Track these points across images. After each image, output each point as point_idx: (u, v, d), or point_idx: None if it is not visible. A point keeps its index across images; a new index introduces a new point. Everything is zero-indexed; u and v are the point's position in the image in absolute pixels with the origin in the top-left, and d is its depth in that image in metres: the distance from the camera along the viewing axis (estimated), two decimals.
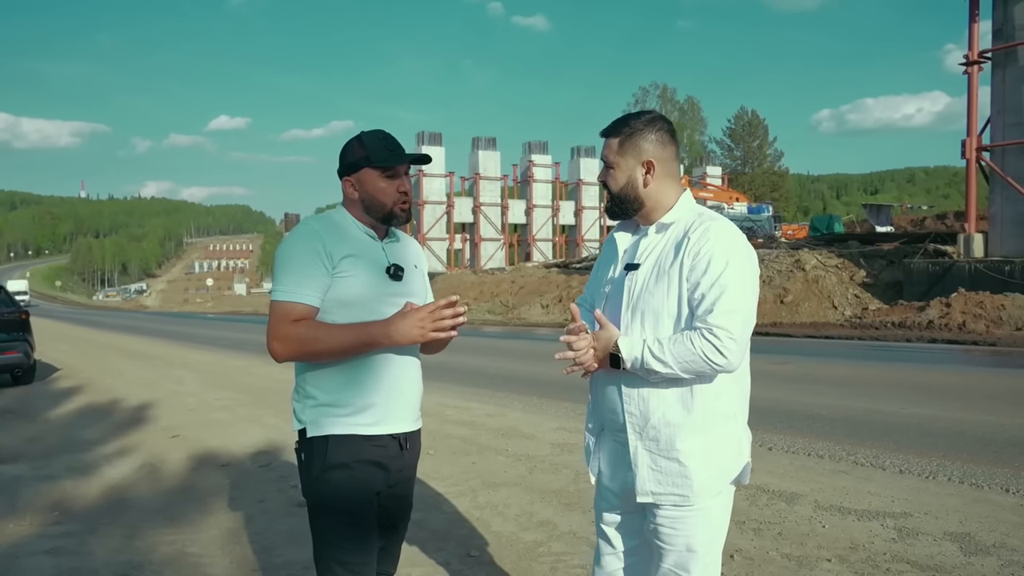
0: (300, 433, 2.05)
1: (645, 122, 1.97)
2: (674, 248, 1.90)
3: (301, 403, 2.05)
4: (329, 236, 2.00)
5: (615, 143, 1.98)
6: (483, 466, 5.45)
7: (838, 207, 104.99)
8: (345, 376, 2.00)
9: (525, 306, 27.82)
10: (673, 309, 1.88)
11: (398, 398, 2.06)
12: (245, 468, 5.60)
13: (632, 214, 2.01)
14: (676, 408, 1.90)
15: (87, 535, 4.16)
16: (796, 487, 4.68)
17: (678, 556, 1.96)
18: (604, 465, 2.10)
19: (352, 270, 1.98)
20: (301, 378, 2.06)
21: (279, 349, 1.95)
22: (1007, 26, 18.26)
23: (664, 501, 1.93)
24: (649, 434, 1.92)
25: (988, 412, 6.91)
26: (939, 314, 16.10)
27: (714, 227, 1.87)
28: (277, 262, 2.03)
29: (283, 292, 1.96)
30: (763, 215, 38.15)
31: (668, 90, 69.73)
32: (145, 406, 8.63)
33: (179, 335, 24.08)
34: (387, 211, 2.07)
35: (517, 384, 9.74)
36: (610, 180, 2.00)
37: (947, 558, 3.48)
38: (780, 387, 8.44)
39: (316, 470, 2.00)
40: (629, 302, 1.94)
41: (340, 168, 2.10)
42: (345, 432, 1.99)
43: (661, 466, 1.92)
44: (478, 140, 52.40)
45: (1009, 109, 18.22)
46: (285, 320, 1.94)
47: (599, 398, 2.06)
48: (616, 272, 2.02)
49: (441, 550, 3.75)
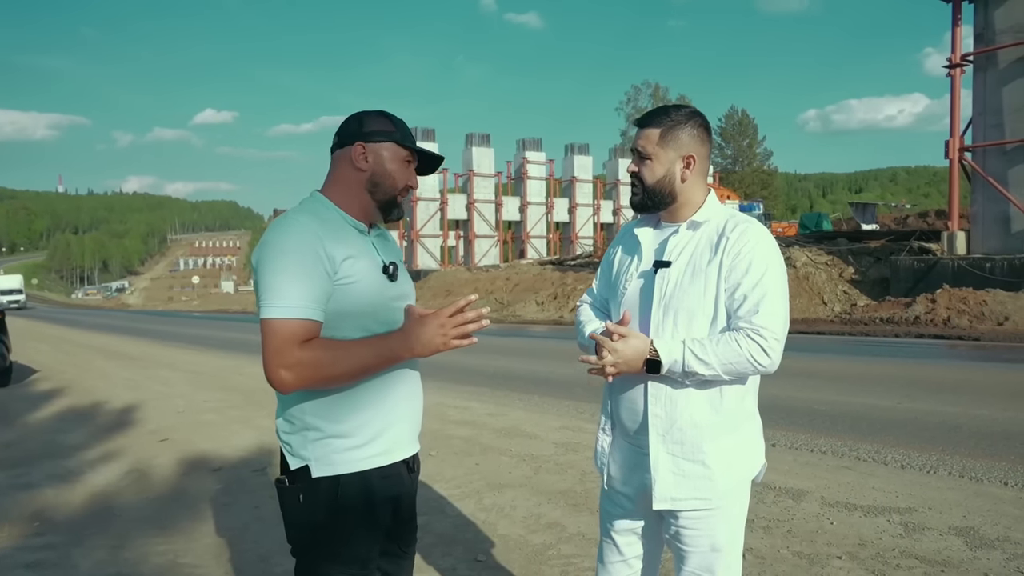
0: (296, 472, 1.74)
1: (687, 115, 1.91)
2: (709, 247, 1.86)
3: (299, 436, 1.75)
4: (327, 234, 1.71)
5: (655, 134, 1.90)
6: (487, 467, 5.37)
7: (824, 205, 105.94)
8: (353, 401, 1.74)
9: (520, 303, 27.78)
10: (709, 309, 1.84)
11: (409, 419, 1.87)
12: (238, 473, 5.46)
13: (661, 208, 1.94)
14: (704, 409, 1.86)
15: (71, 547, 3.96)
16: (802, 484, 4.66)
17: (702, 557, 1.92)
18: (616, 468, 2.03)
19: (354, 274, 1.71)
20: (295, 405, 1.74)
21: (289, 379, 1.62)
22: (988, 30, 18.64)
23: (683, 506, 1.88)
24: (674, 436, 1.86)
25: (980, 406, 6.97)
26: (925, 310, 16.30)
27: (752, 230, 1.85)
28: (268, 267, 1.66)
29: (285, 308, 1.63)
30: (753, 213, 38.31)
31: (660, 88, 69.95)
32: (130, 408, 8.43)
33: (164, 334, 23.77)
34: (394, 195, 1.84)
35: (517, 382, 9.67)
36: (646, 171, 1.91)
37: (954, 553, 3.50)
38: (778, 383, 8.39)
39: (319, 515, 1.73)
40: (661, 300, 1.87)
41: (352, 132, 1.81)
42: (357, 469, 1.74)
43: (684, 470, 1.87)
44: (472, 136, 52.30)
45: (990, 111, 18.63)
46: (293, 343, 1.62)
47: (618, 399, 1.98)
48: (639, 269, 1.95)
49: (448, 555, 3.67)
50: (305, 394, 1.72)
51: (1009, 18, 18.15)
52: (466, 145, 52.16)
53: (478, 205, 51.84)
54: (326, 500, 1.72)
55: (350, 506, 1.73)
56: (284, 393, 1.68)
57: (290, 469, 1.75)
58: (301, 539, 1.77)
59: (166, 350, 17.22)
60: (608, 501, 2.07)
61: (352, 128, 1.82)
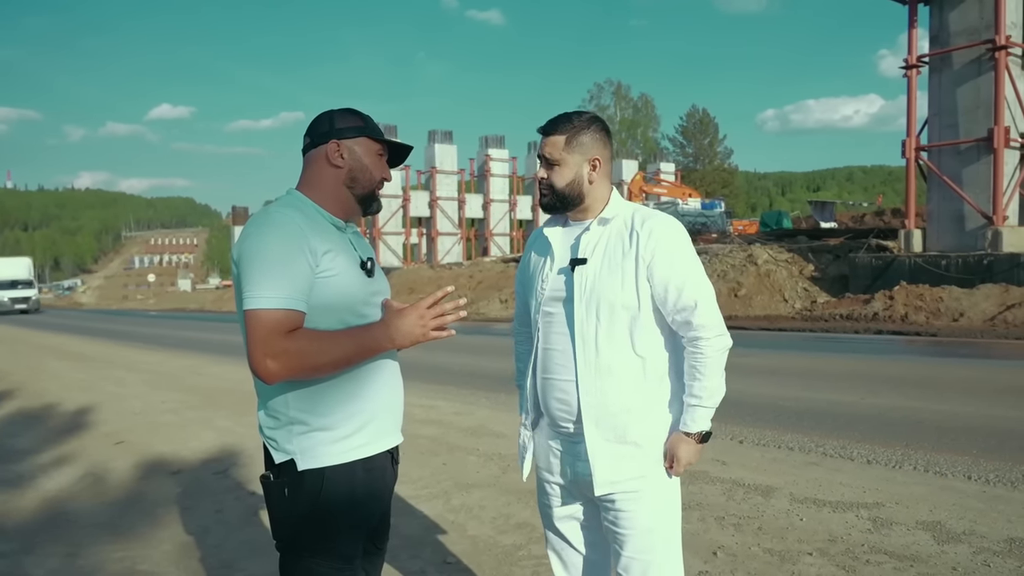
0: (281, 466, 1.75)
1: (588, 120, 2.01)
2: (621, 242, 1.96)
3: (284, 431, 1.76)
4: (309, 228, 1.74)
5: (560, 140, 1.98)
6: (454, 467, 5.29)
7: (784, 203, 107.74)
8: (338, 393, 1.76)
9: (484, 301, 27.66)
10: (630, 300, 1.93)
11: (392, 409, 1.89)
12: (198, 475, 5.31)
13: (571, 209, 2.03)
14: (633, 394, 1.96)
15: (22, 555, 3.80)
16: (770, 480, 4.67)
17: (640, 539, 1.98)
18: (547, 461, 2.11)
19: (334, 268, 1.74)
20: (278, 400, 1.76)
21: (275, 368, 1.63)
22: (943, 32, 19.07)
23: (623, 487, 1.96)
24: (607, 422, 1.95)
25: (941, 401, 7.10)
26: (883, 306, 16.63)
27: (659, 222, 1.96)
28: (254, 260, 1.68)
29: (271, 299, 1.64)
30: (715, 211, 38.79)
31: (622, 87, 70.62)
32: (84, 411, 8.15)
33: (119, 334, 23.15)
34: (372, 189, 1.89)
35: (482, 380, 9.59)
36: (555, 176, 2.00)
37: (922, 547, 3.53)
38: (743, 380, 8.49)
39: (304, 509, 1.74)
40: (582, 295, 1.96)
41: (324, 132, 1.85)
42: (342, 461, 1.75)
43: (620, 453, 1.96)
44: (434, 134, 51.92)
45: (945, 111, 19.05)
46: (279, 333, 1.63)
47: (549, 393, 2.03)
48: (555, 268, 2.02)
49: (416, 558, 3.58)
50: (288, 389, 1.74)
51: (963, 20, 18.57)
52: (428, 142, 51.78)
53: (441, 202, 51.56)
54: (311, 493, 1.73)
55: (335, 499, 1.74)
56: (269, 383, 1.67)
57: (275, 464, 1.77)
58: (287, 534, 1.78)
59: (121, 350, 16.75)
60: (544, 495, 2.16)
61: (324, 127, 1.85)
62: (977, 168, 18.39)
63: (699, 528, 3.85)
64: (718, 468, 4.97)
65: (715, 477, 4.76)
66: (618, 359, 1.94)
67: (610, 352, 1.93)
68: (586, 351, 1.94)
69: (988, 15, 17.98)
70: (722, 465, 5.04)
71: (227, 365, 12.38)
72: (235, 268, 1.73)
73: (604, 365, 1.93)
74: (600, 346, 1.93)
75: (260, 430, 1.83)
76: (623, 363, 1.94)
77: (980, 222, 18.13)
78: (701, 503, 4.25)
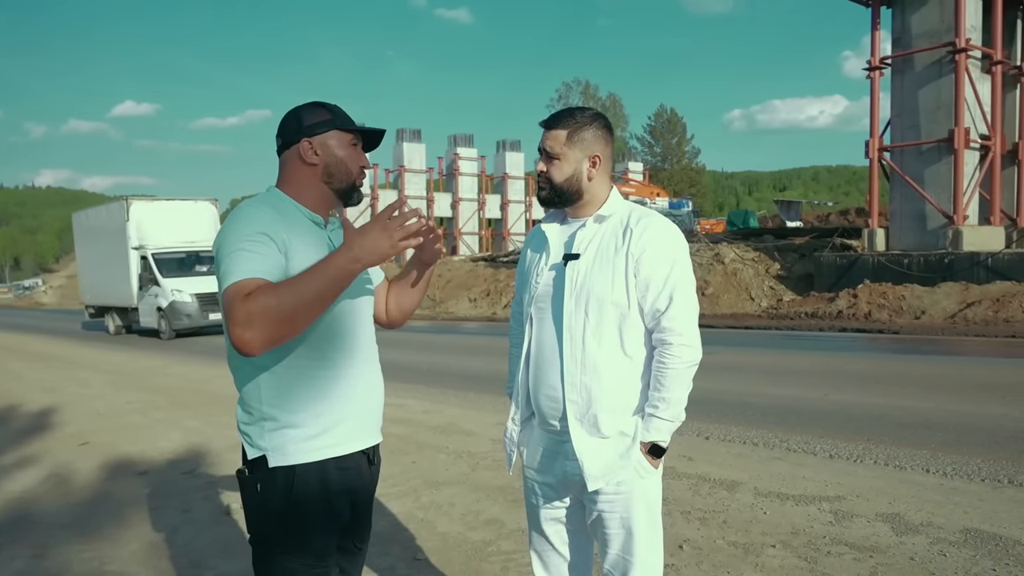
0: (255, 461, 1.75)
1: (591, 117, 2.02)
2: (615, 239, 1.96)
3: (257, 426, 1.75)
4: (279, 222, 1.70)
5: (562, 135, 1.99)
6: (424, 465, 5.31)
7: (751, 203, 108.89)
8: (309, 391, 1.75)
9: (452, 300, 27.60)
10: (619, 297, 1.93)
11: (367, 409, 1.87)
12: (165, 475, 5.26)
13: (568, 205, 2.04)
14: (614, 393, 1.95)
15: None
16: (735, 475, 4.76)
17: (625, 537, 1.99)
18: (535, 459, 2.10)
19: (306, 260, 1.68)
20: (252, 395, 1.75)
21: (249, 335, 1.52)
22: (905, 35, 19.43)
23: (613, 480, 1.96)
24: (591, 420, 1.95)
25: (902, 397, 7.26)
26: (847, 304, 16.92)
27: (654, 222, 1.95)
28: (225, 251, 1.65)
29: (233, 275, 1.59)
30: (683, 210, 39.09)
31: (591, 86, 70.81)
32: (47, 411, 8.02)
33: (83, 334, 22.73)
34: (352, 180, 1.85)
35: (451, 379, 9.60)
36: (554, 170, 2.00)
37: (881, 539, 3.62)
38: (710, 377, 8.57)
39: (276, 505, 1.73)
40: (572, 290, 1.96)
41: (294, 131, 1.81)
42: (314, 459, 1.74)
43: (606, 450, 1.95)
44: (403, 132, 51.62)
45: (907, 112, 19.41)
46: (237, 299, 1.55)
47: (539, 390, 2.03)
48: (549, 263, 2.03)
49: (386, 555, 3.60)
50: (260, 385, 1.73)
51: (924, 23, 18.94)
52: (397, 141, 51.47)
53: (409, 201, 50.84)
54: (282, 490, 1.73)
55: (306, 497, 1.73)
56: (254, 355, 1.57)
57: (248, 459, 1.77)
58: (259, 529, 1.78)
59: (85, 350, 16.45)
60: (532, 493, 2.14)
61: (293, 126, 1.82)
62: (938, 168, 18.76)
63: (665, 522, 3.85)
64: (685, 464, 5.05)
65: (681, 472, 4.84)
66: (605, 357, 1.93)
67: (597, 349, 1.92)
68: (573, 347, 1.94)
69: (948, 18, 18.37)
70: (688, 460, 5.13)
71: (193, 365, 12.23)
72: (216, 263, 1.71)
73: (591, 362, 1.92)
74: (587, 342, 1.93)
75: (237, 425, 1.83)
76: (610, 361, 1.93)
77: (941, 221, 18.51)
78: (667, 498, 4.32)
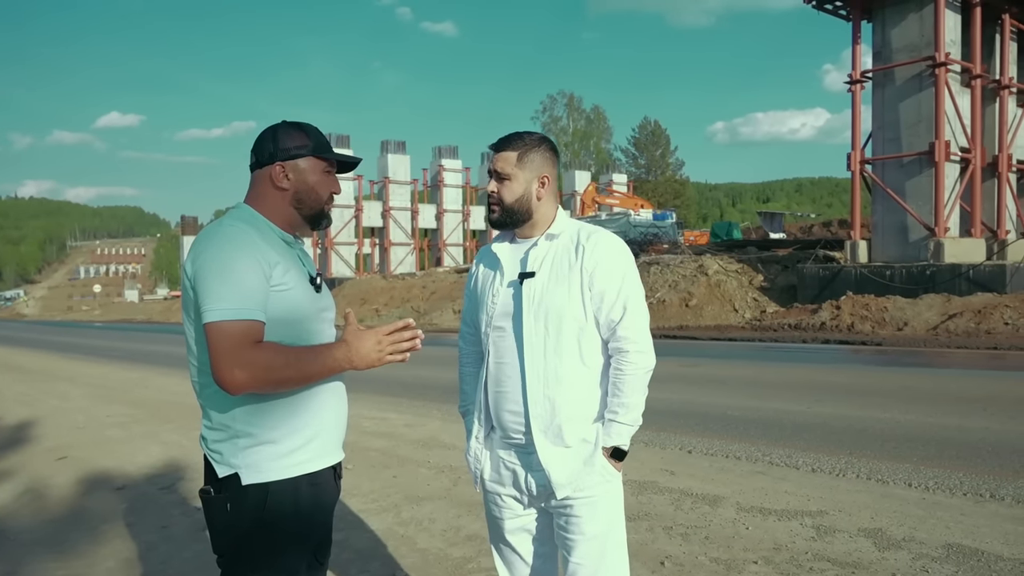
0: (224, 480, 1.73)
1: (539, 139, 2.10)
2: (567, 256, 2.03)
3: (230, 444, 1.74)
4: (263, 242, 1.74)
5: (512, 156, 2.06)
6: (405, 480, 5.25)
7: (734, 214, 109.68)
8: (285, 407, 1.74)
9: (437, 311, 27.59)
10: (576, 310, 2.00)
11: (336, 424, 1.88)
12: (144, 490, 5.18)
13: (518, 225, 2.10)
14: (574, 404, 2.01)
15: None
16: (718, 489, 4.75)
17: (588, 544, 2.03)
18: (497, 474, 2.13)
19: (287, 282, 1.74)
20: (226, 415, 1.74)
21: (242, 378, 1.60)
22: (885, 48, 19.72)
23: (580, 492, 2.01)
24: (554, 431, 2.00)
25: (883, 410, 7.29)
26: (830, 316, 17.05)
27: (604, 239, 2.04)
28: (212, 273, 1.66)
29: (234, 310, 1.63)
30: (667, 221, 39.33)
31: (575, 99, 71.30)
32: (25, 425, 7.91)
33: (63, 346, 22.47)
34: (320, 207, 1.87)
35: (434, 392, 9.54)
36: (505, 191, 2.06)
37: (863, 554, 3.61)
38: (692, 389, 8.63)
39: (247, 523, 1.71)
40: (531, 307, 2.02)
41: (269, 153, 1.82)
42: (289, 475, 1.74)
43: (571, 458, 2.00)
44: (387, 143, 51.64)
45: (888, 125, 19.67)
46: (247, 343, 1.62)
47: (501, 405, 2.07)
48: (504, 282, 2.08)
49: (364, 571, 3.56)
50: (234, 402, 1.71)
51: (904, 37, 19.22)
52: (381, 152, 51.49)
53: (394, 212, 51.24)
54: (255, 508, 1.71)
55: (279, 514, 1.72)
56: (234, 394, 1.65)
57: (218, 478, 1.73)
58: (229, 549, 1.75)
59: (65, 362, 16.27)
60: (494, 506, 2.17)
61: (268, 148, 1.82)
62: (919, 181, 18.99)
63: (647, 538, 3.90)
64: (667, 478, 5.04)
65: (664, 487, 4.83)
66: (566, 369, 2.00)
67: (558, 362, 1.99)
68: (535, 361, 1.99)
69: (928, 33, 18.67)
70: (671, 475, 5.12)
71: (175, 377, 12.10)
72: (188, 281, 1.71)
73: (553, 375, 1.99)
74: (548, 356, 1.99)
75: (202, 442, 1.80)
76: (571, 372, 2.00)
77: (923, 233, 18.72)
78: (649, 513, 4.31)
